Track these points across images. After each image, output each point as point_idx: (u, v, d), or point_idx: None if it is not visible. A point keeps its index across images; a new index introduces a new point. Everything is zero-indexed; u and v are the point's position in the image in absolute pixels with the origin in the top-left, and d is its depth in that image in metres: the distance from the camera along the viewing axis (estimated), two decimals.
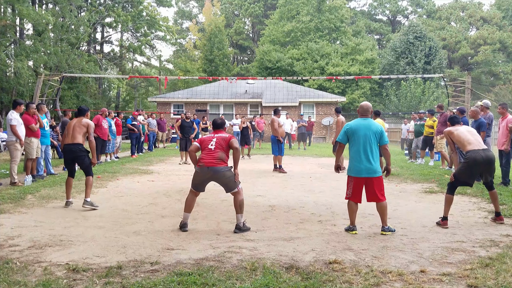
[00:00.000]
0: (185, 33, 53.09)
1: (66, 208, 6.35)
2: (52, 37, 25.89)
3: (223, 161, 5.14)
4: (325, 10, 41.16)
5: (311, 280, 3.53)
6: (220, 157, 5.12)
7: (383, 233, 5.00)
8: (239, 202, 5.19)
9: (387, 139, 5.27)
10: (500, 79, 41.09)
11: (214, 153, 5.12)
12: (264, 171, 11.20)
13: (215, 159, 5.09)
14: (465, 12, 47.35)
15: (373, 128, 5.09)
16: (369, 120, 5.19)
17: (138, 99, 41.89)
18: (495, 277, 3.58)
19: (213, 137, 5.28)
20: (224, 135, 5.30)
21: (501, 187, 7.91)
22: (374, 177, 5.03)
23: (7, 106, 22.90)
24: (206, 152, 5.17)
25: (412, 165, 12.27)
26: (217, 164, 5.09)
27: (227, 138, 5.24)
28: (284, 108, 26.40)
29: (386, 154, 5.20)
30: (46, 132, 9.57)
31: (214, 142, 5.19)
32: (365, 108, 5.24)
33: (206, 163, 5.08)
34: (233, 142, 5.18)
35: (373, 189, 5.04)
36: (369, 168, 5.01)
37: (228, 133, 5.50)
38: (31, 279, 3.51)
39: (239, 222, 5.15)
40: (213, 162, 5.08)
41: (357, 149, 5.07)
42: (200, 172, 5.14)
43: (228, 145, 5.19)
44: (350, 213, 5.16)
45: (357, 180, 5.08)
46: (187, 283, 3.41)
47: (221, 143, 5.20)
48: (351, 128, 5.15)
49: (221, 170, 5.09)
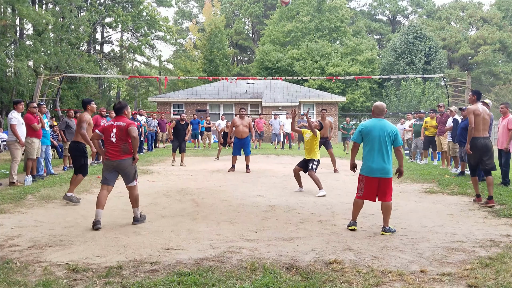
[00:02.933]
0: (185, 33, 53.09)
1: (66, 208, 6.35)
2: (52, 37, 25.88)
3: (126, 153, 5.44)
4: (325, 10, 41.17)
5: (311, 280, 3.53)
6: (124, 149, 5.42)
7: (383, 233, 5.00)
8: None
9: (402, 141, 5.29)
10: (500, 79, 41.09)
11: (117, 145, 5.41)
12: (264, 171, 11.20)
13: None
14: (465, 12, 47.36)
15: (388, 129, 5.10)
16: (384, 121, 5.19)
17: (138, 99, 41.89)
18: (495, 277, 3.58)
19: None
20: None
21: (501, 187, 7.91)
22: (387, 178, 5.06)
23: (7, 106, 22.91)
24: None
25: (412, 165, 12.26)
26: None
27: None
28: (284, 108, 26.41)
29: (399, 156, 5.21)
30: (46, 132, 9.57)
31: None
32: (380, 108, 5.24)
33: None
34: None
35: (384, 190, 5.07)
36: (383, 169, 5.03)
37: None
38: (31, 279, 3.51)
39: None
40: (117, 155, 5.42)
41: (371, 149, 5.09)
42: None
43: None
44: (355, 209, 5.20)
45: (369, 180, 5.09)
46: (187, 283, 3.41)
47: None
48: (366, 128, 5.16)
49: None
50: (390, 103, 32.88)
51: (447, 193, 7.81)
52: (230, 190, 8.20)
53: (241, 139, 11.15)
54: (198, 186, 8.65)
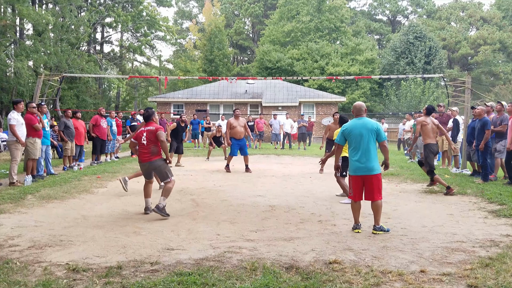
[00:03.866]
0: (185, 33, 53.07)
1: (66, 208, 6.35)
2: (52, 37, 25.88)
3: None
4: (325, 10, 41.15)
5: (311, 280, 3.53)
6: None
7: (374, 232, 5.02)
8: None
9: (385, 136, 5.35)
10: (500, 79, 41.08)
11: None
12: (264, 171, 11.20)
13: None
14: (465, 12, 47.36)
15: (369, 126, 5.17)
16: (364, 119, 5.27)
17: (138, 99, 41.89)
18: (495, 277, 3.58)
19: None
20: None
21: (502, 187, 7.90)
22: (372, 175, 5.09)
23: (7, 106, 22.90)
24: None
25: (412, 165, 12.25)
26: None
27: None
28: (284, 108, 26.39)
29: (384, 150, 5.27)
30: (46, 132, 9.57)
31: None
32: (358, 107, 5.35)
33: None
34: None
35: (370, 187, 5.10)
36: (366, 166, 5.09)
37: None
38: (31, 279, 3.51)
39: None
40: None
41: (354, 148, 5.19)
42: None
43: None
44: (353, 211, 5.24)
45: (355, 178, 5.17)
46: (187, 283, 3.41)
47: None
48: (347, 128, 5.28)
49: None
50: (390, 103, 32.86)
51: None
52: (230, 190, 8.20)
53: (239, 139, 11.15)
54: (198, 186, 8.66)
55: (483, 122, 8.79)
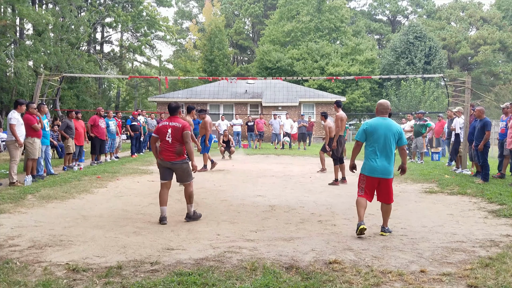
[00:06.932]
0: (185, 33, 53.06)
1: (66, 208, 6.35)
2: (52, 37, 25.85)
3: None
4: (325, 10, 41.14)
5: (311, 280, 3.53)
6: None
7: (382, 234, 4.99)
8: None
9: (406, 140, 5.22)
10: (500, 79, 41.08)
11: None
12: (264, 171, 11.19)
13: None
14: (465, 12, 47.34)
15: (393, 129, 5.00)
16: (389, 120, 5.11)
17: (138, 99, 41.88)
18: (495, 277, 3.58)
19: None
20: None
21: (501, 187, 7.90)
22: (389, 178, 4.99)
23: (7, 106, 22.89)
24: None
25: (412, 165, 12.25)
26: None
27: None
28: (284, 108, 26.39)
29: (403, 154, 5.15)
30: (46, 132, 9.57)
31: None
32: (384, 106, 5.13)
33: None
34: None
35: (386, 190, 5.01)
36: (385, 169, 4.94)
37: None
38: (31, 279, 3.50)
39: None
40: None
41: (375, 148, 4.97)
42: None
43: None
44: (359, 209, 4.94)
45: (370, 179, 5.00)
46: (187, 283, 3.41)
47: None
48: (371, 126, 5.04)
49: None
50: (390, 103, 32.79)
51: (447, 193, 7.80)
52: (230, 190, 8.20)
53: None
54: (198, 186, 8.64)
55: (484, 123, 8.80)
